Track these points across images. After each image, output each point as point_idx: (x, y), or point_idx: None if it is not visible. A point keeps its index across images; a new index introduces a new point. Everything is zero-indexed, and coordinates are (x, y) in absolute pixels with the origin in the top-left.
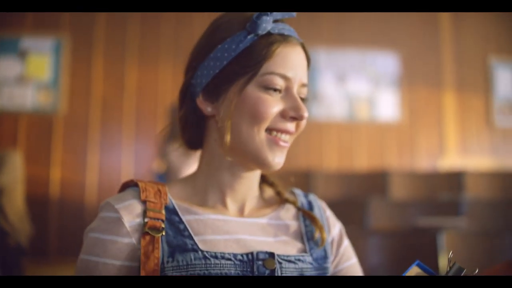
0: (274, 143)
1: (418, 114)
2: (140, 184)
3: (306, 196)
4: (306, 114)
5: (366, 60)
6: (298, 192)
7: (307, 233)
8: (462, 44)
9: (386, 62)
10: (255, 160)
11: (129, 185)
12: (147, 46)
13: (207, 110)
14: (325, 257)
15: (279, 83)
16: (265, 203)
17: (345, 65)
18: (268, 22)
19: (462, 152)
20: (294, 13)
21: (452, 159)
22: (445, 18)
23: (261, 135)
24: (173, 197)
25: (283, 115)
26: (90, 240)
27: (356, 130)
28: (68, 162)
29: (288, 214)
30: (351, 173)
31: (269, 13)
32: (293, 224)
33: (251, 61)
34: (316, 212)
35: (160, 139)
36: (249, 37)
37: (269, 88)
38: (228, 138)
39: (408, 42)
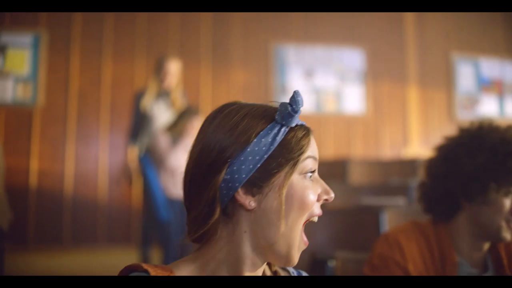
0: (303, 243)
1: (383, 107)
2: (150, 270)
3: (299, 273)
4: (332, 196)
5: (333, 56)
6: (291, 270)
7: None
8: (425, 41)
9: (352, 58)
10: (281, 257)
11: (135, 270)
12: (122, 42)
13: (250, 204)
14: None
15: (313, 165)
16: None
17: (312, 60)
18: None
19: (424, 143)
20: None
21: (415, 150)
22: (409, 16)
23: (300, 227)
24: None
25: (317, 199)
26: None
27: (323, 122)
28: (46, 153)
29: None
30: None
31: (300, 108)
32: None
33: (292, 153)
34: None
35: (133, 127)
36: (282, 129)
37: (306, 172)
38: (283, 226)
39: (373, 39)
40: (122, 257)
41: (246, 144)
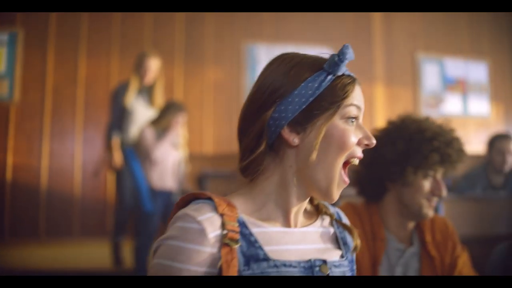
0: (343, 181)
1: None
2: (215, 199)
3: (333, 207)
4: (373, 142)
5: None
6: (326, 204)
7: (342, 239)
8: (391, 41)
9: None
10: (321, 192)
11: (198, 198)
12: (97, 40)
13: (294, 141)
14: (352, 260)
15: (356, 113)
16: (308, 215)
17: None
18: (344, 66)
19: None
20: (353, 57)
21: None
22: (376, 16)
23: (340, 165)
24: (240, 211)
25: (358, 143)
26: (171, 248)
27: None
28: (22, 148)
29: (325, 223)
30: None
31: (346, 58)
32: (331, 231)
33: (336, 97)
34: (345, 222)
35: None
36: (329, 77)
37: (349, 118)
38: (331, 164)
39: (342, 38)
40: (97, 249)
41: (294, 87)
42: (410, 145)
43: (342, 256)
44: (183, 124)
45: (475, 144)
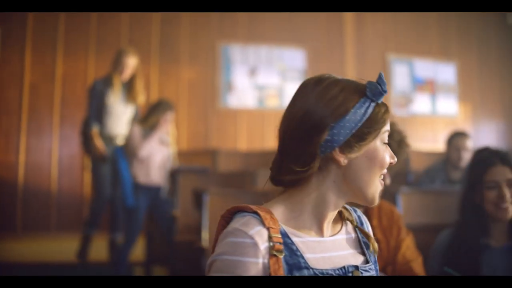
0: (380, 187)
1: None
2: (260, 212)
3: (355, 211)
4: (396, 159)
5: (276, 56)
6: (349, 208)
7: (365, 244)
8: (363, 42)
9: (294, 57)
10: (366, 198)
11: (242, 211)
12: (75, 39)
13: (344, 162)
14: (375, 261)
15: (387, 136)
16: (334, 222)
17: (256, 59)
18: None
19: None
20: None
21: None
22: (348, 18)
23: (378, 179)
24: (279, 221)
25: (390, 162)
26: (229, 262)
27: (266, 117)
28: (0, 144)
29: (349, 228)
30: (247, 152)
31: (385, 89)
32: (355, 237)
33: (379, 124)
34: (365, 227)
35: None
36: (372, 104)
37: (385, 142)
38: (373, 178)
39: (314, 39)
40: (73, 243)
41: (346, 113)
42: None
43: (367, 261)
44: (172, 122)
45: (443, 142)
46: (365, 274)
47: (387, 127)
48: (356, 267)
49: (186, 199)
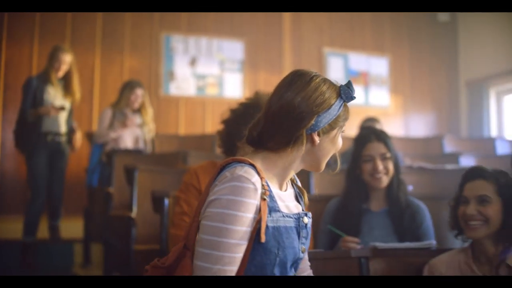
0: (327, 162)
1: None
2: (256, 165)
3: (296, 178)
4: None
5: (215, 47)
6: (295, 177)
7: (300, 197)
8: (300, 36)
9: (233, 49)
10: (318, 168)
11: (240, 162)
12: (19, 26)
13: (317, 141)
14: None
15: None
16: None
17: (197, 50)
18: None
19: None
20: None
21: None
22: (286, 14)
23: (326, 158)
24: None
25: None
26: (233, 201)
27: (206, 104)
28: None
29: (290, 185)
30: (184, 135)
31: (354, 96)
32: (294, 192)
33: (344, 118)
34: (300, 184)
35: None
36: (342, 103)
37: (343, 131)
38: (326, 157)
39: (254, 33)
40: (16, 226)
41: (328, 107)
42: None
43: (302, 209)
44: (142, 98)
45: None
46: (308, 219)
47: (346, 122)
48: (305, 214)
49: (121, 177)
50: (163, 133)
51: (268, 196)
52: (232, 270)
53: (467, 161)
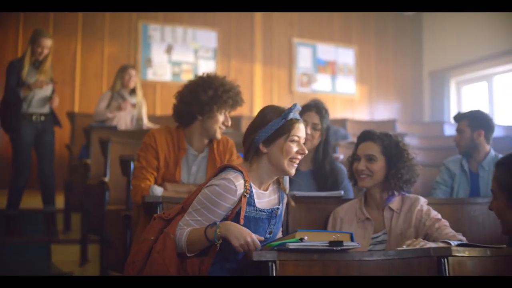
0: (291, 164)
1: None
2: (244, 172)
3: (285, 180)
4: (306, 152)
5: (190, 36)
6: (285, 178)
7: (281, 196)
8: (270, 27)
9: (206, 38)
10: (284, 172)
11: (233, 168)
12: (2, 16)
13: (264, 151)
14: (283, 204)
15: (297, 138)
16: (272, 184)
17: (173, 39)
18: (293, 115)
19: None
20: (300, 108)
21: None
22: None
23: (287, 160)
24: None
25: (297, 152)
26: (219, 192)
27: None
28: None
29: (276, 187)
30: (160, 116)
31: (295, 109)
32: (277, 188)
33: (287, 130)
34: (285, 182)
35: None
36: (283, 120)
37: (293, 141)
38: (280, 162)
39: (226, 24)
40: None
41: (266, 124)
42: (216, 93)
43: (279, 203)
44: (135, 79)
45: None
46: (279, 211)
47: (294, 133)
48: (278, 208)
49: (97, 151)
50: None
51: (248, 195)
52: (195, 226)
53: (410, 141)
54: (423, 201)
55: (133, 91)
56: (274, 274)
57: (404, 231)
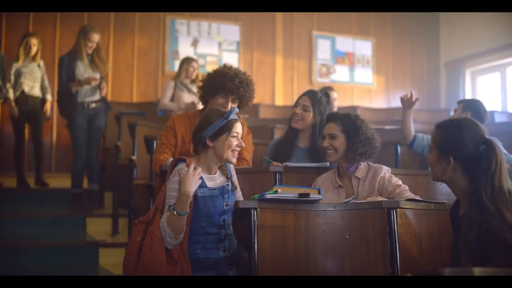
0: (233, 154)
1: (254, 71)
2: (187, 162)
3: (227, 164)
4: (243, 145)
5: (214, 30)
6: (228, 166)
7: (230, 175)
8: (291, 20)
9: (230, 32)
10: (226, 160)
11: (181, 160)
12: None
13: (210, 145)
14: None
15: (236, 134)
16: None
17: (198, 33)
18: (232, 116)
19: (288, 101)
20: (238, 110)
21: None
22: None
23: (230, 152)
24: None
25: (237, 145)
26: (172, 188)
27: None
28: None
29: (222, 172)
30: None
31: (233, 112)
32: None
33: (228, 128)
34: (229, 170)
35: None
36: (224, 120)
37: (234, 136)
38: (225, 153)
39: (248, 18)
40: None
41: (211, 124)
42: (219, 79)
43: (227, 181)
44: (197, 71)
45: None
46: (230, 187)
47: (235, 130)
48: (228, 184)
49: (127, 134)
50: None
51: (200, 179)
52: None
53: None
54: (385, 169)
55: (193, 81)
56: (255, 220)
57: (369, 195)
